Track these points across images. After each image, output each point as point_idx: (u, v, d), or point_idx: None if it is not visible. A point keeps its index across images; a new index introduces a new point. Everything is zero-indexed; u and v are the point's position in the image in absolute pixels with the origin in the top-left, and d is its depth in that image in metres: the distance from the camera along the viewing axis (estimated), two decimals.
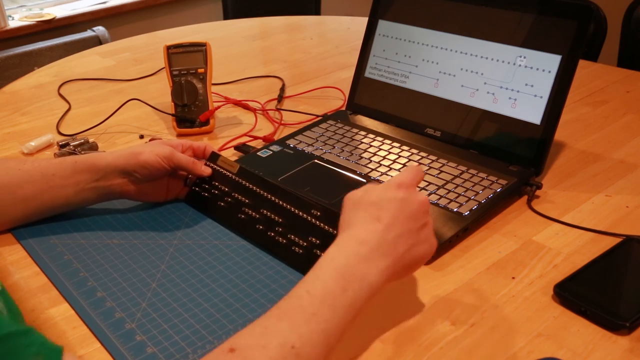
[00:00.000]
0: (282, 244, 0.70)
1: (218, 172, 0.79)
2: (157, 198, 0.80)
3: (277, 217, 0.72)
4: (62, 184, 0.74)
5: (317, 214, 0.69)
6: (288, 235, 0.70)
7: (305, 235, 0.69)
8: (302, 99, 1.17)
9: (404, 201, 0.58)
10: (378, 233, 0.56)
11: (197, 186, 0.81)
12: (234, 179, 0.78)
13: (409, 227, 0.57)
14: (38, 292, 0.67)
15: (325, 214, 0.68)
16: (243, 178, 0.77)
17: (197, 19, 2.86)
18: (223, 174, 0.79)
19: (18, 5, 2.58)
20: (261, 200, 0.74)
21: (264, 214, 0.73)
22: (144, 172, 0.75)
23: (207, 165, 0.80)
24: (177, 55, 1.03)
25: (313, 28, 1.64)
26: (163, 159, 0.75)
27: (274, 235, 0.71)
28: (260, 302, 0.64)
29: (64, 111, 1.14)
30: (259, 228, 0.73)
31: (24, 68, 2.14)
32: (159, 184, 0.78)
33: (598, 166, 0.89)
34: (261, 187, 0.75)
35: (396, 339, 0.60)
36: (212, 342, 0.59)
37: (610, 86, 1.16)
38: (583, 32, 0.81)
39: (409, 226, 0.57)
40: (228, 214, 0.77)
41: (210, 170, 0.79)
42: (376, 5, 1.02)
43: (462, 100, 0.91)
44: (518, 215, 0.79)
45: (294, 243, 0.69)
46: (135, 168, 0.74)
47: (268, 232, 0.72)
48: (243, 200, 0.76)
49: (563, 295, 0.63)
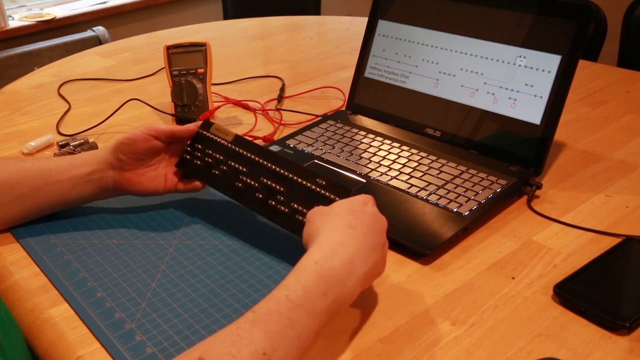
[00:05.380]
0: (285, 212, 0.68)
1: (211, 140, 0.76)
2: (154, 188, 0.77)
3: (279, 185, 0.70)
4: (58, 179, 0.74)
5: (323, 183, 0.67)
6: (291, 204, 0.68)
7: (310, 203, 0.66)
8: (302, 99, 1.17)
9: (374, 215, 0.60)
10: (358, 239, 0.57)
11: (188, 154, 0.78)
12: (230, 147, 0.75)
13: (378, 241, 0.59)
14: (38, 292, 0.67)
15: (331, 184, 0.66)
16: (239, 146, 0.75)
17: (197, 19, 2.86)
18: (217, 142, 0.76)
19: (18, 5, 2.58)
20: (260, 169, 0.72)
21: (263, 182, 0.71)
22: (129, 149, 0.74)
23: (200, 132, 0.77)
24: (177, 55, 1.03)
25: (313, 28, 1.64)
26: (144, 129, 0.75)
27: (275, 204, 0.69)
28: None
29: (63, 111, 1.14)
30: (259, 197, 0.71)
31: (24, 68, 2.14)
32: (153, 171, 0.76)
33: (598, 166, 0.89)
34: (260, 155, 0.73)
35: (396, 339, 0.60)
36: None
37: (610, 86, 1.16)
38: (583, 32, 0.81)
39: (378, 239, 0.59)
40: (224, 182, 0.74)
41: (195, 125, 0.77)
42: (376, 5, 1.02)
43: (462, 100, 0.91)
44: (518, 216, 0.79)
45: (298, 212, 0.68)
46: (122, 147, 0.74)
47: (269, 201, 0.70)
48: (240, 169, 0.73)
49: (563, 295, 0.63)
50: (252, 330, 0.49)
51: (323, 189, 0.67)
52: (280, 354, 0.49)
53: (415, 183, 0.82)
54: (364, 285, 0.58)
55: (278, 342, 0.49)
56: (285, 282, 0.53)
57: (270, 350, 0.48)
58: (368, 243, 0.58)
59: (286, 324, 0.50)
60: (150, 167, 0.77)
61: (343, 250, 0.56)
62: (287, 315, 0.50)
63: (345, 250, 0.56)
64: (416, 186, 0.81)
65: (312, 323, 0.52)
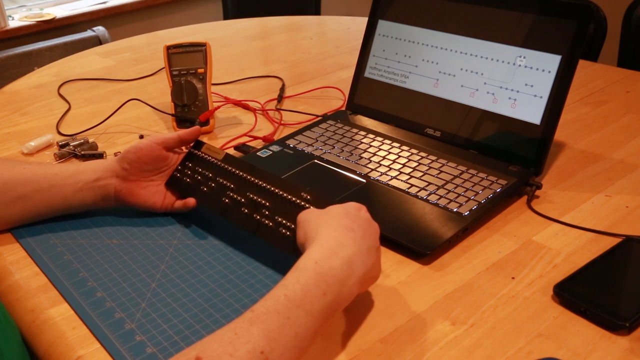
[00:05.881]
0: (269, 226, 0.69)
1: (202, 159, 0.78)
2: (152, 202, 0.77)
3: (264, 200, 0.70)
4: (63, 182, 0.74)
5: (307, 197, 0.68)
6: (275, 217, 0.69)
7: (294, 217, 0.66)
8: (302, 99, 1.17)
9: (368, 221, 0.61)
10: (356, 240, 0.58)
11: (179, 172, 0.79)
12: (219, 164, 0.76)
13: (373, 245, 0.60)
14: (38, 292, 0.67)
15: (316, 197, 0.67)
16: (229, 164, 0.76)
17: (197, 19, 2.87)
18: (207, 160, 0.77)
19: (18, 5, 2.58)
20: (247, 184, 0.73)
21: (249, 197, 0.72)
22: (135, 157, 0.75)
23: (192, 152, 0.79)
24: (177, 55, 1.03)
25: (313, 28, 1.64)
26: (151, 138, 0.76)
27: (259, 218, 0.70)
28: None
29: (63, 111, 1.14)
30: (244, 211, 0.71)
31: (24, 68, 2.13)
32: (154, 186, 0.77)
33: (598, 166, 0.89)
34: (248, 172, 0.74)
35: (396, 339, 0.60)
36: None
37: (610, 86, 1.16)
38: (583, 32, 0.81)
39: (373, 244, 0.60)
40: (211, 198, 0.75)
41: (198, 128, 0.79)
42: (376, 5, 1.02)
43: (462, 100, 0.91)
44: (518, 216, 0.79)
45: (282, 225, 0.68)
46: (128, 156, 0.75)
47: (254, 215, 0.70)
48: (227, 185, 0.74)
49: (563, 295, 0.63)
50: (250, 329, 0.49)
51: (308, 203, 0.67)
52: (278, 353, 0.49)
53: (415, 183, 0.82)
54: (362, 288, 0.58)
55: (276, 341, 0.49)
56: (284, 282, 0.53)
57: (268, 349, 0.48)
58: (365, 245, 0.58)
59: (284, 323, 0.50)
60: (153, 181, 0.78)
61: (342, 250, 0.56)
62: (286, 315, 0.50)
63: (345, 250, 0.56)
64: (416, 186, 0.81)
65: (311, 322, 0.52)
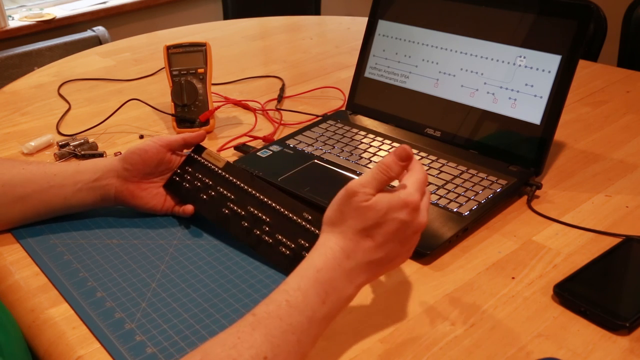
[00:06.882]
0: (268, 243, 0.69)
1: (202, 165, 0.77)
2: (152, 205, 0.77)
3: (265, 215, 0.70)
4: (62, 183, 0.74)
5: (309, 217, 0.68)
6: (275, 235, 0.69)
7: (294, 236, 0.67)
8: (302, 99, 1.17)
9: (403, 224, 0.55)
10: (366, 252, 0.55)
11: (178, 175, 0.78)
12: (220, 173, 0.76)
13: (396, 249, 0.56)
14: (38, 292, 0.67)
15: (318, 219, 0.66)
16: (229, 173, 0.75)
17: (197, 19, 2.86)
18: (208, 167, 0.77)
19: (18, 5, 2.58)
20: (248, 197, 0.72)
21: (250, 211, 0.72)
22: (139, 159, 0.75)
23: (192, 156, 0.79)
24: (177, 55, 1.03)
25: (313, 28, 1.64)
26: (156, 140, 0.76)
27: (259, 233, 0.70)
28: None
29: (63, 111, 1.14)
30: (244, 225, 0.71)
31: (24, 68, 2.14)
32: (155, 189, 0.77)
33: (598, 166, 0.89)
34: (249, 183, 0.73)
35: (396, 339, 0.60)
36: None
37: (610, 86, 1.16)
38: (583, 32, 0.81)
39: (396, 248, 0.56)
40: (210, 207, 0.75)
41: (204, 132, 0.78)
42: (376, 5, 1.02)
43: (462, 100, 0.91)
44: (518, 216, 0.79)
45: (281, 243, 0.68)
46: (132, 157, 0.75)
47: (254, 230, 0.70)
48: (228, 195, 0.74)
49: (563, 295, 0.63)
50: (253, 334, 0.49)
51: (309, 224, 0.67)
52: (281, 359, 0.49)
53: None
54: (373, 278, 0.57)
55: (279, 347, 0.49)
56: (285, 286, 0.53)
57: (271, 355, 0.48)
58: (378, 255, 0.55)
59: (287, 330, 0.50)
60: (154, 183, 0.78)
61: (347, 262, 0.54)
62: (288, 321, 0.50)
63: (349, 263, 0.54)
64: None
65: (313, 329, 0.52)
